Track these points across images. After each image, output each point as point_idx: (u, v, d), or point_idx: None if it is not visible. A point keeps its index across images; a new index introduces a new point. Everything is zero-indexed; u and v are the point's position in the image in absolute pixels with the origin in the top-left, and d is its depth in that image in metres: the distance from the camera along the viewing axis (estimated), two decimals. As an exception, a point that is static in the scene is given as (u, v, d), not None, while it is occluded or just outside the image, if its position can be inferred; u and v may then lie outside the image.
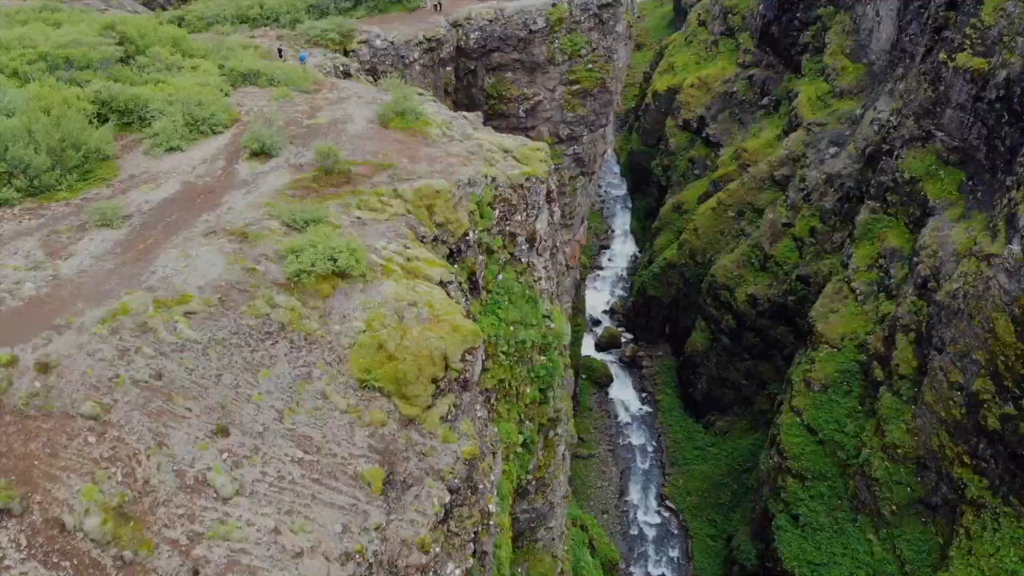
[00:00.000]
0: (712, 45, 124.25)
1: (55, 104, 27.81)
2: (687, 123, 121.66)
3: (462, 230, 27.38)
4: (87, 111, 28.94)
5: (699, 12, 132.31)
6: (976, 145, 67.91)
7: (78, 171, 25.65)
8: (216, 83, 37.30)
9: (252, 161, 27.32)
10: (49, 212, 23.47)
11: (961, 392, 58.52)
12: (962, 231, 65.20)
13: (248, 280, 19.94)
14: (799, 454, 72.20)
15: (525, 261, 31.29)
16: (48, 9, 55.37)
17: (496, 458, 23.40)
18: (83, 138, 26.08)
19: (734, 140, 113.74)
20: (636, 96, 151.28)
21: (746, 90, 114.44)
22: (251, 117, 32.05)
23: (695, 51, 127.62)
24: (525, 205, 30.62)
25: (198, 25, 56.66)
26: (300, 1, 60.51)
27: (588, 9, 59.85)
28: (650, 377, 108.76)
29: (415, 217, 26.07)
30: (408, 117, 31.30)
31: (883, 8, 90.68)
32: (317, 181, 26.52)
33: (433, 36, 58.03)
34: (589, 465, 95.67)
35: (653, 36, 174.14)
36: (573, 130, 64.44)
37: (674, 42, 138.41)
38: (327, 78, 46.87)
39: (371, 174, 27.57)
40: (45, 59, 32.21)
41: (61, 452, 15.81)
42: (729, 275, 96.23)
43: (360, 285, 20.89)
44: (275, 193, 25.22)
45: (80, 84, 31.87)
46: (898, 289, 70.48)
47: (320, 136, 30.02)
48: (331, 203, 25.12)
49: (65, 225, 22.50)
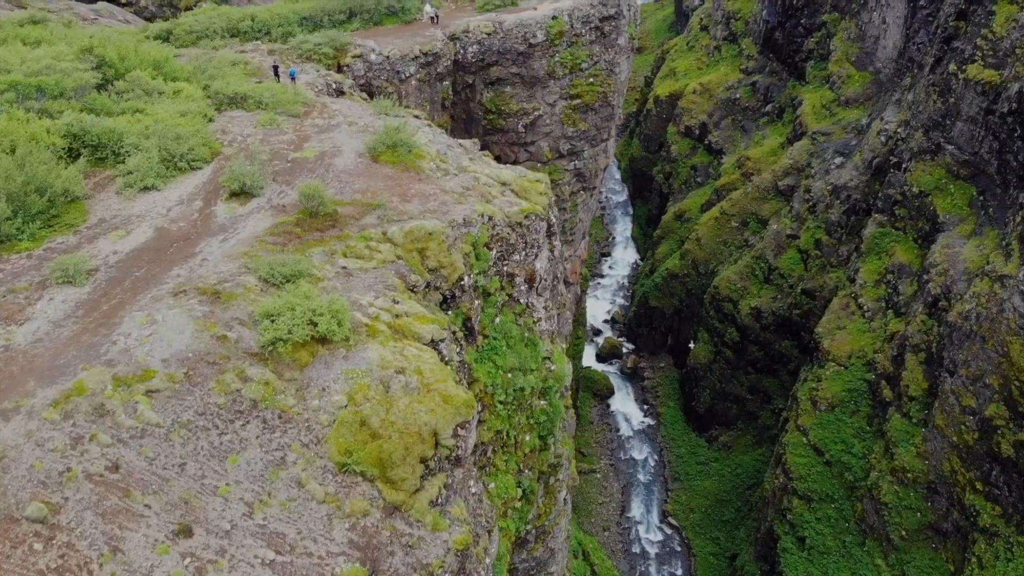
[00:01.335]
0: (714, 50, 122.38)
1: (22, 140, 26.06)
2: (689, 130, 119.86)
3: (456, 275, 25.64)
4: (57, 147, 27.19)
5: (701, 16, 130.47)
6: (987, 159, 66.10)
7: (42, 217, 23.87)
8: (200, 108, 35.56)
9: (231, 202, 25.53)
10: (8, 266, 21.68)
11: (974, 417, 56.74)
12: (973, 248, 63.39)
13: (218, 350, 18.19)
14: (805, 475, 70.47)
15: (524, 302, 29.52)
16: (31, 22, 53.64)
17: (492, 536, 21.64)
18: (49, 180, 24.28)
19: (737, 148, 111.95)
20: (637, 100, 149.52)
21: (749, 97, 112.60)
22: (234, 149, 30.28)
23: (697, 56, 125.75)
24: (524, 244, 28.85)
25: (187, 39, 54.87)
26: (292, 14, 58.71)
27: (589, 22, 58.04)
28: (652, 389, 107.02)
29: (405, 263, 24.31)
30: (399, 150, 29.50)
31: (889, 15, 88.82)
32: (301, 224, 24.75)
33: (430, 50, 56.25)
34: (590, 481, 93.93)
35: (654, 39, 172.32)
36: (574, 145, 62.67)
37: (676, 47, 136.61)
38: (318, 98, 45.08)
39: (359, 215, 25.80)
40: (15, 88, 30.44)
41: (2, 563, 14.07)
42: (732, 287, 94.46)
43: (343, 351, 19.12)
44: (254, 240, 23.45)
45: (52, 115, 30.13)
46: (907, 307, 68.69)
47: (306, 172, 28.25)
48: (315, 251, 23.36)
49: (24, 283, 20.73)
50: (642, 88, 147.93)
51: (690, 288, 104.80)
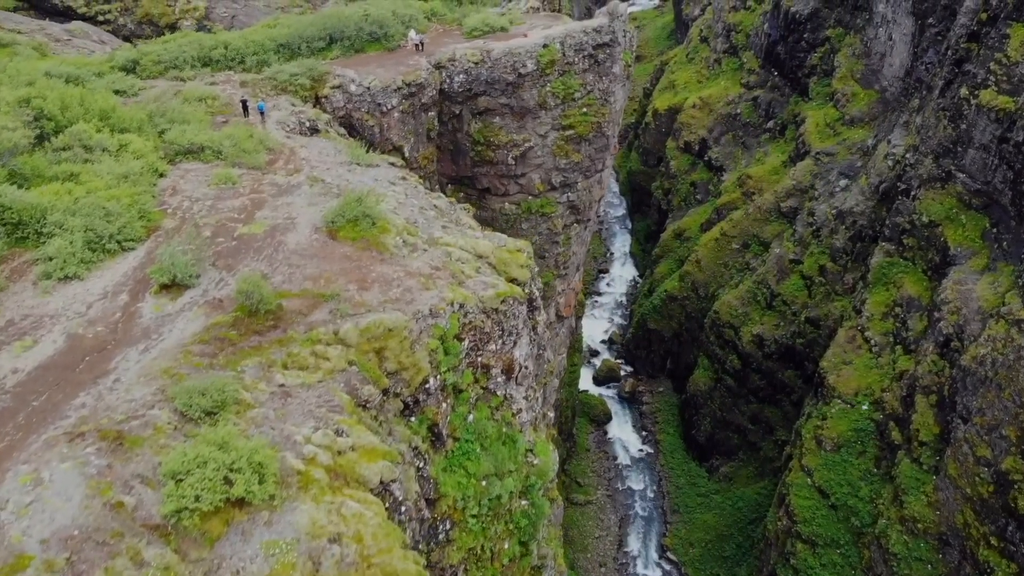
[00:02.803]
0: (714, 63, 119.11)
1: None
2: (688, 145, 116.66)
3: (420, 377, 22.49)
4: (-30, 226, 24.11)
5: (701, 27, 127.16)
6: (1001, 189, 62.86)
7: (-60, 321, 20.83)
8: (149, 163, 32.38)
9: (161, 297, 22.37)
10: None
11: (989, 469, 53.54)
12: (987, 286, 60.17)
13: (111, 524, 15.04)
14: (810, 518, 67.28)
15: (502, 394, 26.34)
16: None
17: None
18: (-48, 275, 21.27)
19: (738, 165, 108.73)
20: (636, 111, 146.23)
21: (750, 112, 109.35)
22: (176, 220, 27.08)
23: (697, 69, 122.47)
24: (501, 332, 25.66)
25: (154, 70, 51.67)
26: (269, 40, 55.51)
27: (582, 50, 54.81)
28: (651, 415, 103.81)
29: (359, 369, 21.13)
30: (361, 224, 26.29)
31: (896, 32, 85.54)
32: (238, 326, 21.57)
33: (413, 80, 53.04)
34: (586, 513, 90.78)
35: (654, 47, 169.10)
36: (567, 177, 59.45)
37: (675, 58, 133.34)
38: (288, 140, 41.94)
39: (308, 309, 22.62)
40: (-63, 151, 27.39)
41: None
42: (733, 312, 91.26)
43: (265, 514, 15.95)
44: (180, 351, 20.26)
45: (-25, 182, 26.99)
46: (916, 344, 65.44)
47: (252, 253, 25.04)
48: (249, 363, 20.18)
49: None
50: (641, 99, 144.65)
51: (690, 311, 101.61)
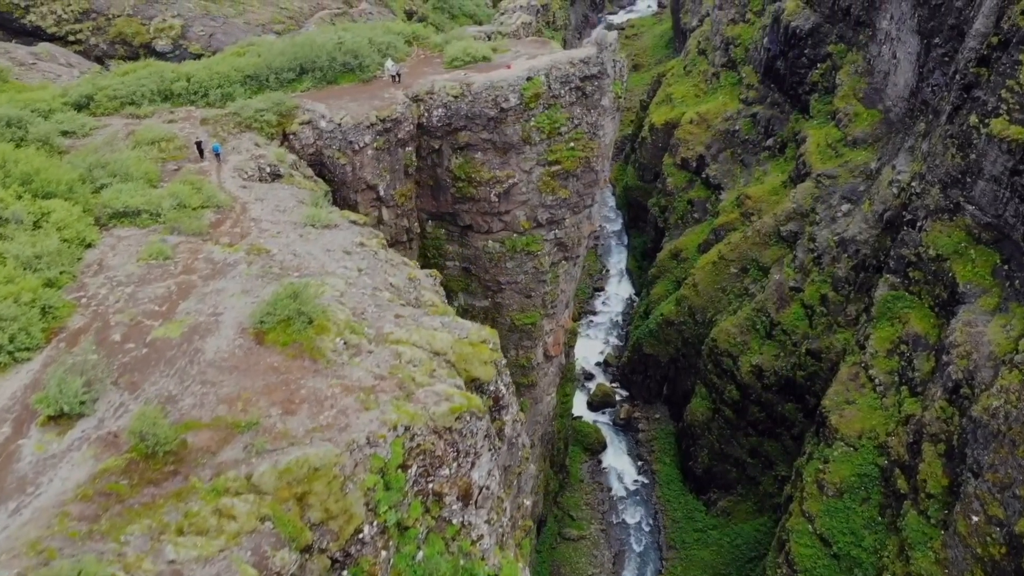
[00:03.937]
0: (712, 77, 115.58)
1: None
2: (686, 162, 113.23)
3: (353, 526, 19.12)
4: None
5: (699, 39, 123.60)
6: (1012, 224, 59.45)
7: None
8: (75, 234, 29.06)
9: (48, 431, 19.02)
10: None
11: (1001, 529, 50.18)
12: (999, 329, 56.77)
13: None
14: (811, 568, 63.97)
15: (458, 522, 22.93)
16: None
17: None
18: None
19: (736, 183, 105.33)
20: (632, 123, 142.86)
21: (749, 129, 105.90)
22: (87, 317, 23.69)
23: (694, 82, 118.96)
24: (456, 453, 22.28)
25: (109, 106, 48.28)
26: (234, 72, 52.06)
27: (569, 82, 51.35)
28: (646, 443, 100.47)
29: (274, 524, 17.73)
30: (295, 326, 22.86)
31: (901, 51, 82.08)
32: (130, 472, 18.22)
33: (388, 116, 49.65)
34: (579, 549, 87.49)
35: (651, 56, 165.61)
36: (553, 213, 56.03)
37: (672, 70, 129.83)
38: (240, 194, 38.54)
39: (218, 446, 19.24)
40: None
41: None
42: (731, 340, 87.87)
43: None
44: (57, 511, 16.90)
45: None
46: (923, 386, 62.05)
47: (163, 364, 21.65)
48: (136, 528, 16.80)
49: None
50: (638, 111, 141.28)
51: (687, 337, 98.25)
